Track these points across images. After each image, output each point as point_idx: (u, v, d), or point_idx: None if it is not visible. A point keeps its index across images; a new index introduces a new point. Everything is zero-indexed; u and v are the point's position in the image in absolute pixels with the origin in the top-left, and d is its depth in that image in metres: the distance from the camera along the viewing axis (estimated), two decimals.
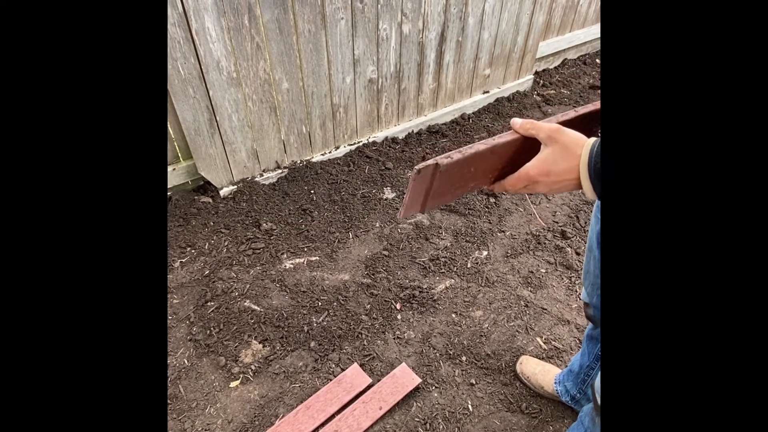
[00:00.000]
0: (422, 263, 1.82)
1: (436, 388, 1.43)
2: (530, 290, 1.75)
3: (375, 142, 2.41)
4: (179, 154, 1.96)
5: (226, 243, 1.85)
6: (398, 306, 1.66)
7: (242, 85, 1.84)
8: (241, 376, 1.43)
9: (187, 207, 1.98)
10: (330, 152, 2.30)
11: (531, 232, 2.00)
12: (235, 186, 2.07)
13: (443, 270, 1.80)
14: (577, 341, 1.59)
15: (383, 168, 2.28)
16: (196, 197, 2.03)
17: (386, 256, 1.84)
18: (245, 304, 1.63)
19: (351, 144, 2.35)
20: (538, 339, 1.58)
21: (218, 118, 1.86)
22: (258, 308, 1.62)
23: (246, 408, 1.37)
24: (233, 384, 1.42)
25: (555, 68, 3.28)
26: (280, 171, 2.17)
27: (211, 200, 2.03)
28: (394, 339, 1.56)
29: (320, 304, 1.64)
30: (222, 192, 2.04)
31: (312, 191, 2.11)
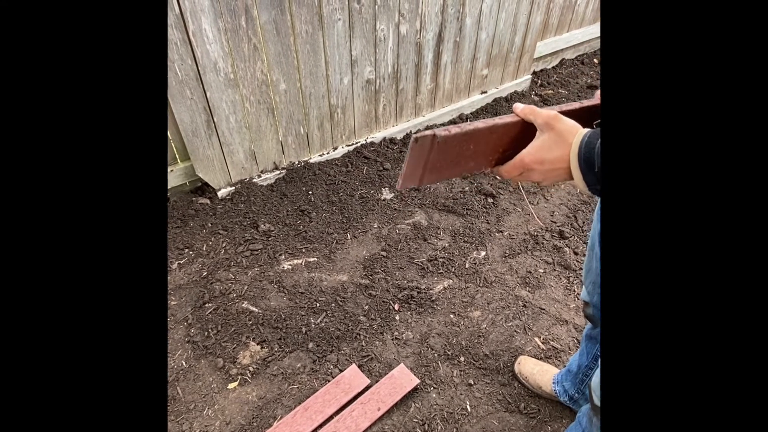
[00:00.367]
0: (420, 264, 1.82)
1: (435, 389, 1.43)
2: (528, 290, 1.75)
3: (373, 143, 2.41)
4: (177, 156, 1.96)
5: (224, 244, 1.85)
6: (396, 307, 1.66)
7: (240, 87, 1.84)
8: (239, 378, 1.43)
9: (185, 208, 1.98)
10: (328, 153, 2.30)
11: (529, 233, 2.00)
12: (233, 187, 2.07)
13: (441, 270, 1.80)
14: (575, 341, 1.59)
15: (381, 168, 2.28)
16: (194, 199, 2.03)
17: (384, 257, 1.84)
18: (243, 306, 1.63)
19: (349, 145, 2.35)
20: (537, 339, 1.58)
21: (216, 120, 1.86)
22: (256, 309, 1.62)
23: (244, 409, 1.36)
24: (231, 385, 1.42)
25: (553, 68, 3.28)
26: (278, 172, 2.16)
27: (209, 201, 2.03)
28: (393, 340, 1.56)
29: (318, 305, 1.64)
30: (220, 193, 2.04)
31: (310, 192, 2.11)
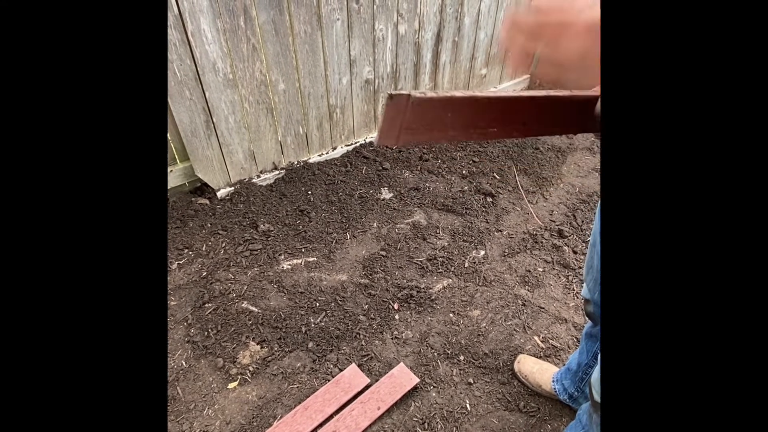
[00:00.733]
0: (420, 263, 1.82)
1: (434, 388, 1.43)
2: (527, 289, 1.75)
3: (372, 143, 2.41)
4: (176, 156, 1.96)
5: (224, 244, 1.85)
6: (396, 306, 1.66)
7: (239, 87, 1.84)
8: (239, 378, 1.43)
9: (185, 209, 1.98)
10: (327, 153, 2.30)
11: (528, 232, 2.00)
12: (232, 187, 2.08)
13: (441, 270, 1.80)
14: (575, 340, 1.59)
15: (380, 168, 2.28)
16: (193, 199, 2.03)
17: (384, 257, 1.84)
18: (243, 306, 1.63)
19: (348, 144, 2.36)
20: (536, 338, 1.59)
21: (215, 120, 1.86)
22: (256, 309, 1.62)
23: (244, 409, 1.37)
24: (231, 385, 1.42)
25: None
26: (278, 172, 2.17)
27: (209, 202, 2.03)
28: (392, 339, 1.56)
29: (318, 305, 1.64)
30: (219, 193, 2.04)
31: (309, 192, 2.11)
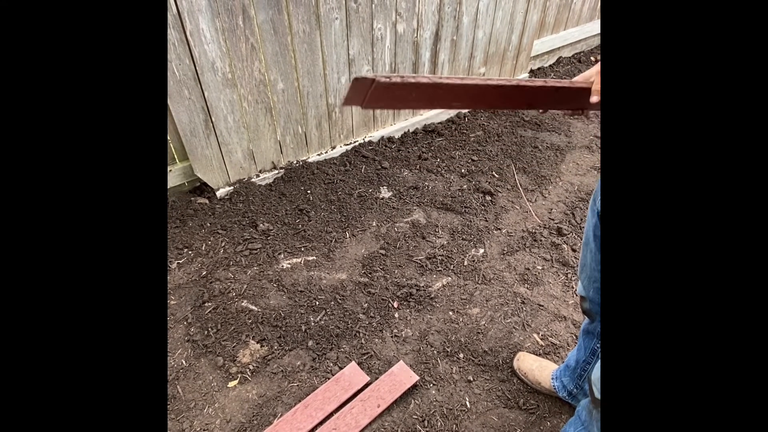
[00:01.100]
0: (419, 261, 1.83)
1: (434, 386, 1.43)
2: (527, 287, 1.76)
3: (371, 142, 2.42)
4: (175, 156, 1.96)
5: (223, 244, 1.86)
6: (395, 304, 1.67)
7: (237, 86, 1.84)
8: (239, 376, 1.44)
9: (184, 208, 1.98)
10: (326, 152, 2.30)
11: (527, 230, 2.00)
12: (232, 187, 2.08)
13: (440, 268, 1.81)
14: (574, 337, 1.59)
15: (379, 167, 2.29)
16: (193, 198, 2.03)
17: (383, 255, 1.84)
18: (243, 305, 1.63)
19: (347, 144, 2.36)
20: (535, 335, 1.59)
21: (214, 120, 1.86)
22: (255, 308, 1.63)
23: (244, 407, 1.37)
24: (231, 384, 1.42)
25: (550, 66, 3.29)
26: (277, 171, 2.17)
27: (208, 201, 2.03)
28: (392, 337, 1.56)
29: (318, 304, 1.65)
30: (218, 193, 2.05)
31: (308, 191, 2.12)
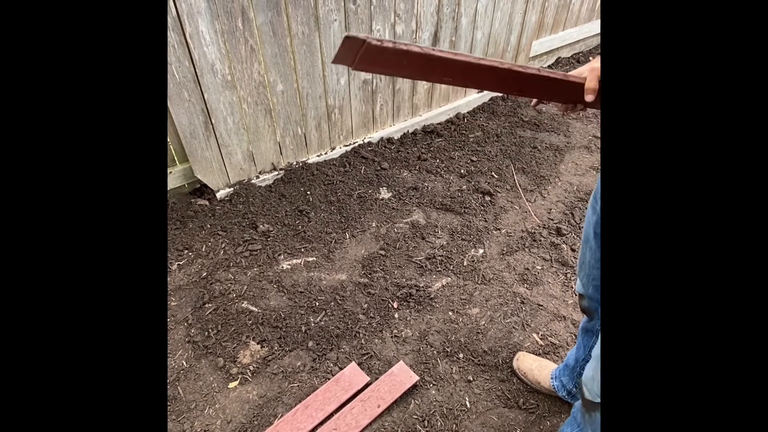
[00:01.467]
0: (419, 262, 1.83)
1: (434, 386, 1.43)
2: (526, 287, 1.76)
3: (370, 143, 2.42)
4: (175, 158, 1.97)
5: (223, 245, 1.86)
6: (395, 305, 1.67)
7: (237, 88, 1.85)
8: (240, 377, 1.44)
9: (184, 210, 1.99)
10: (326, 153, 2.31)
11: (526, 230, 2.01)
12: (232, 188, 2.08)
13: (440, 268, 1.81)
14: (573, 337, 1.60)
15: (379, 168, 2.29)
16: (193, 200, 2.04)
17: (383, 256, 1.85)
18: (243, 306, 1.64)
19: (347, 145, 2.36)
20: (535, 335, 1.59)
21: (213, 121, 1.87)
22: (256, 309, 1.63)
23: (245, 408, 1.37)
24: (232, 385, 1.43)
25: (549, 67, 3.30)
26: (276, 173, 2.17)
27: (208, 203, 2.04)
28: (392, 337, 1.57)
29: (318, 304, 1.65)
30: (218, 194, 2.05)
31: (308, 192, 2.12)
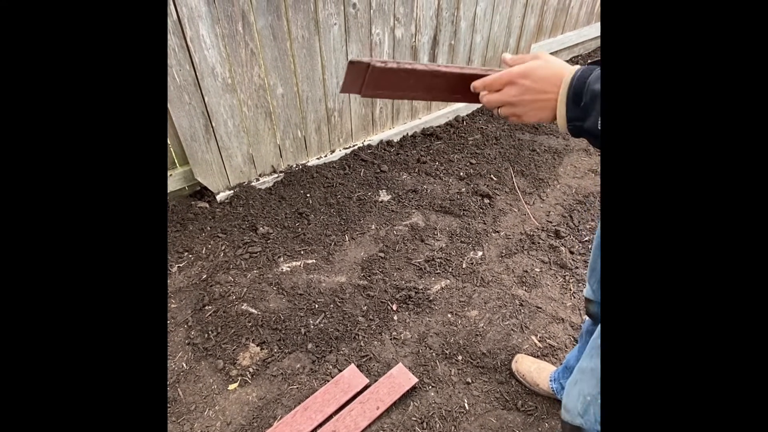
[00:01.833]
0: (418, 264, 1.84)
1: (433, 388, 1.44)
2: (525, 289, 1.77)
3: (370, 146, 2.43)
4: (176, 160, 1.98)
5: (223, 247, 1.87)
6: (394, 307, 1.68)
7: (237, 91, 1.86)
8: (240, 379, 1.45)
9: (184, 212, 1.99)
10: (325, 156, 2.32)
11: (525, 232, 2.02)
12: (232, 191, 2.09)
13: (439, 271, 1.82)
14: (572, 339, 1.60)
15: (378, 171, 2.30)
16: (193, 202, 2.05)
17: (382, 258, 1.86)
18: (243, 308, 1.64)
19: (346, 147, 2.37)
20: (533, 337, 1.60)
21: (214, 124, 1.88)
22: (255, 311, 1.64)
23: (244, 410, 1.38)
24: (231, 387, 1.43)
25: None
26: (276, 175, 2.18)
27: (208, 205, 2.05)
28: (391, 340, 1.57)
29: (317, 307, 1.66)
30: (218, 197, 2.06)
31: (308, 195, 2.13)
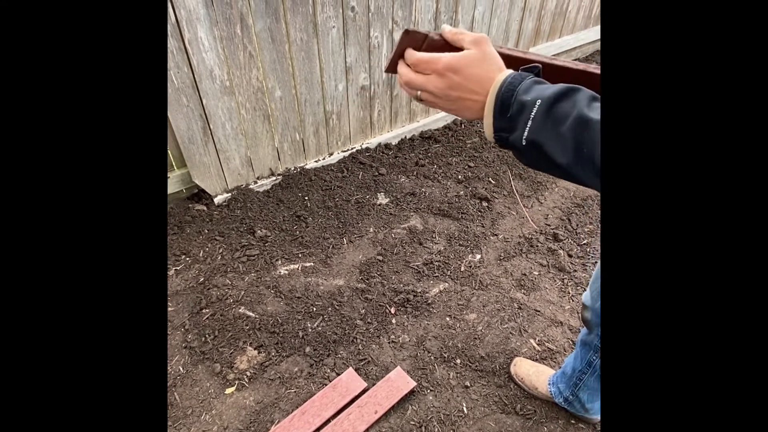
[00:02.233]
0: (416, 267, 1.84)
1: (431, 391, 1.43)
2: (523, 292, 1.76)
3: (368, 148, 2.43)
4: (173, 163, 1.97)
5: (221, 250, 1.86)
6: (393, 310, 1.67)
7: (235, 94, 1.86)
8: (237, 383, 1.44)
9: (182, 215, 1.99)
10: (324, 159, 2.31)
11: (523, 235, 2.02)
12: (230, 193, 2.09)
13: (437, 274, 1.81)
14: (570, 342, 1.60)
15: (377, 174, 2.30)
16: (191, 205, 2.04)
17: (380, 261, 1.85)
18: (240, 311, 1.64)
19: (344, 150, 2.37)
20: (532, 341, 1.60)
21: (212, 127, 1.88)
22: (253, 315, 1.63)
23: (241, 414, 1.37)
24: (229, 390, 1.42)
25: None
26: (274, 178, 2.18)
27: (206, 208, 2.04)
28: (389, 343, 1.57)
29: (315, 310, 1.65)
30: (216, 200, 2.05)
31: (306, 198, 2.13)
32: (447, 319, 1.65)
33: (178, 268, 1.79)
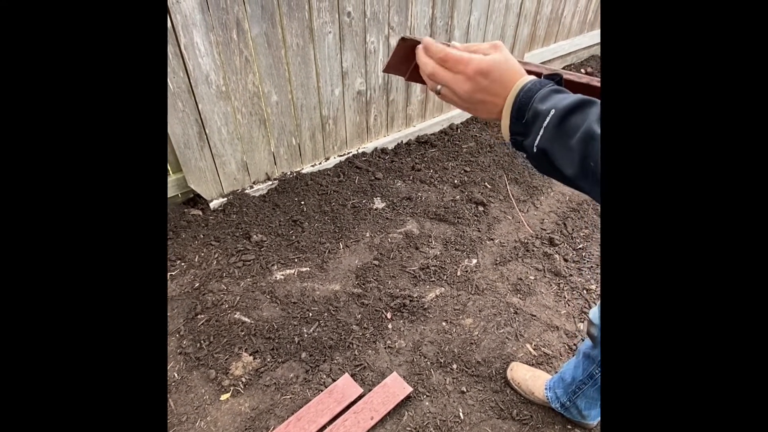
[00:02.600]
0: (412, 272, 1.83)
1: (428, 397, 1.43)
2: (519, 297, 1.76)
3: (365, 153, 2.43)
4: (169, 168, 1.97)
5: (216, 255, 1.85)
6: (389, 315, 1.67)
7: (231, 99, 1.86)
8: (232, 389, 1.43)
9: (177, 220, 1.98)
10: (320, 163, 2.31)
11: (519, 240, 2.02)
12: (225, 198, 2.08)
13: (433, 279, 1.81)
14: (567, 347, 1.60)
15: (373, 178, 2.30)
16: (186, 210, 2.03)
17: (377, 266, 1.85)
18: (235, 317, 1.63)
19: (341, 155, 2.37)
20: (528, 345, 1.60)
21: (208, 131, 1.87)
22: (248, 320, 1.62)
23: (237, 421, 1.36)
24: (224, 397, 1.41)
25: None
26: (270, 183, 2.18)
27: (201, 213, 2.03)
28: (385, 348, 1.56)
29: (311, 315, 1.65)
30: (212, 204, 2.05)
31: (302, 202, 2.12)
32: (443, 324, 1.65)
33: (174, 273, 1.78)
